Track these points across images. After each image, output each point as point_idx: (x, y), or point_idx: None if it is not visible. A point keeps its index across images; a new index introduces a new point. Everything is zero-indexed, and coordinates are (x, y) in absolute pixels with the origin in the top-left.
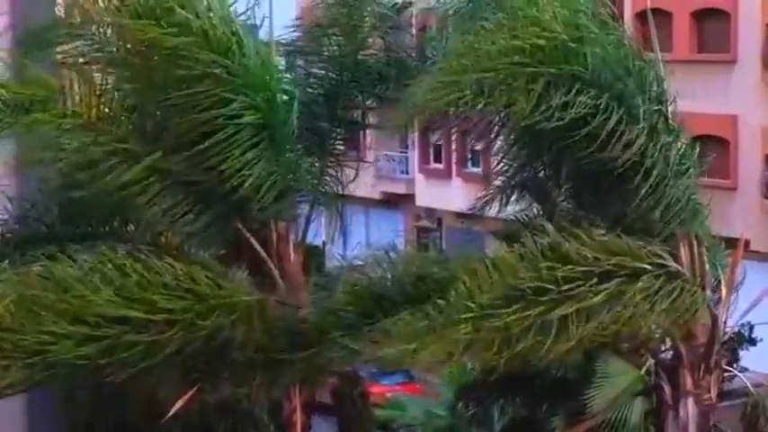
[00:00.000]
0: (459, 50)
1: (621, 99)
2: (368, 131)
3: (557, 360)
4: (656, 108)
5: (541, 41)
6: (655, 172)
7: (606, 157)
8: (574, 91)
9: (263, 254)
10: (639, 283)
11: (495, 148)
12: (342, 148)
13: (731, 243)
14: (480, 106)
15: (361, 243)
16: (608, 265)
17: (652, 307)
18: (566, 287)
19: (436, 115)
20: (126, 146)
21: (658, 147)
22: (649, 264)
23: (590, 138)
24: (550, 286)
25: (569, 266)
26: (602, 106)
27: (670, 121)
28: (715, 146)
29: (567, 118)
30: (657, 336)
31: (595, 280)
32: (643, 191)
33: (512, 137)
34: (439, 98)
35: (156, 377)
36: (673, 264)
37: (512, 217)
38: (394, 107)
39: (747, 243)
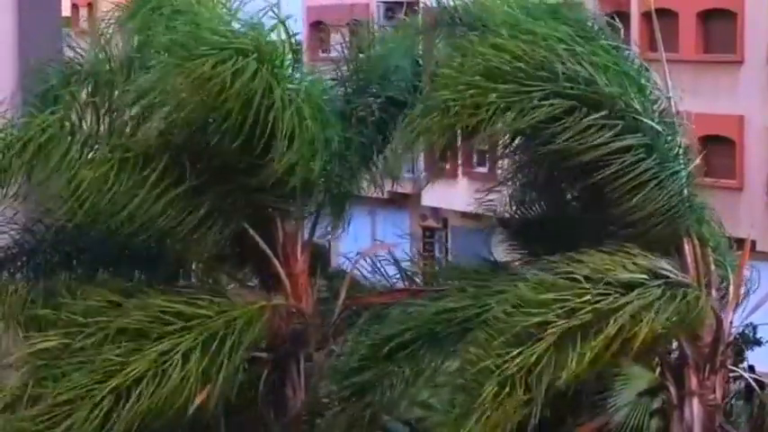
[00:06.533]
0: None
1: (600, 101)
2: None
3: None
4: (646, 107)
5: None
6: (643, 167)
7: (596, 157)
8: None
9: (268, 253)
10: (635, 295)
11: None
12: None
13: (738, 244)
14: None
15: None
16: (601, 282)
17: (653, 316)
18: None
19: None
20: (129, 154)
21: (651, 146)
22: (645, 274)
23: (569, 138)
24: (552, 318)
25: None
26: (575, 108)
27: (660, 120)
28: (721, 146)
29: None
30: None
31: (588, 298)
32: (638, 191)
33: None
34: (429, 126)
35: None
36: (671, 271)
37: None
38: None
39: (753, 244)
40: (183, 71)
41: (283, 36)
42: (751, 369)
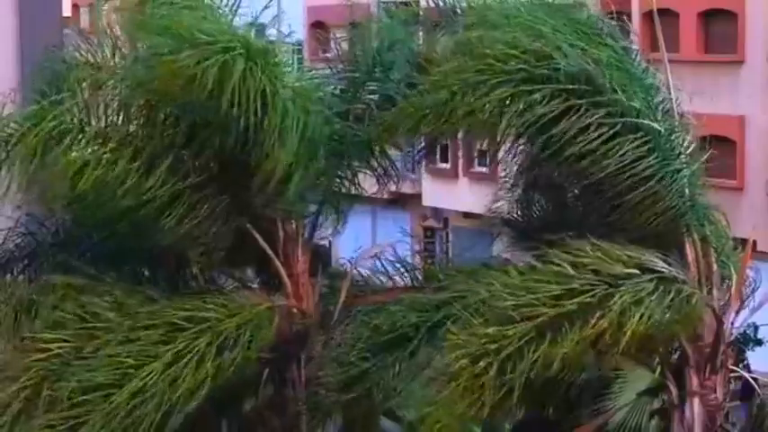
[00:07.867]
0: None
1: (601, 100)
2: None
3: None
4: (650, 107)
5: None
6: (643, 166)
7: (596, 156)
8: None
9: (270, 253)
10: (624, 288)
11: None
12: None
13: (739, 244)
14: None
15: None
16: (589, 272)
17: (644, 311)
18: (551, 302)
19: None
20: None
21: (651, 146)
22: (636, 269)
23: (568, 138)
24: (537, 306)
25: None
26: (575, 107)
27: (664, 118)
28: (722, 146)
29: (535, 119)
30: (662, 338)
31: (575, 287)
32: (638, 190)
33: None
34: (404, 120)
35: None
36: (664, 267)
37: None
38: None
39: (755, 244)
40: (168, 68)
41: (282, 35)
42: (747, 369)
